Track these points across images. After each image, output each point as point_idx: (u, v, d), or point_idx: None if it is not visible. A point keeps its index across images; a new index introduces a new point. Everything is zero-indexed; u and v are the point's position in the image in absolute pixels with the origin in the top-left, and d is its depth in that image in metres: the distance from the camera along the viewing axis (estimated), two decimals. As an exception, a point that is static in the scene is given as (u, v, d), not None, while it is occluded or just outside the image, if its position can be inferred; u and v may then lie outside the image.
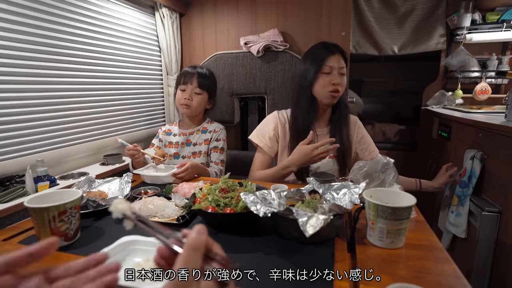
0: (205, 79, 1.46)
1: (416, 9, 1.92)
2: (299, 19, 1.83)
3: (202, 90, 1.45)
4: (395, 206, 0.65)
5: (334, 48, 1.22)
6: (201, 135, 1.50)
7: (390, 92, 2.56)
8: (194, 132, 1.51)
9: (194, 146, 1.49)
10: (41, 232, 0.68)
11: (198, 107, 1.46)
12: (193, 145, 1.49)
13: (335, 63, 1.20)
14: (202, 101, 1.47)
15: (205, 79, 1.46)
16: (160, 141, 1.53)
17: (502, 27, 1.76)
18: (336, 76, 1.20)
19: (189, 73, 1.46)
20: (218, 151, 1.49)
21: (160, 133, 1.55)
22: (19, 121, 1.12)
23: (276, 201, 0.74)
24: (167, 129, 1.55)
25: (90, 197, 0.89)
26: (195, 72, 1.45)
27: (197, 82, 1.44)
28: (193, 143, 1.49)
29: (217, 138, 1.51)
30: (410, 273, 0.59)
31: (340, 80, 1.20)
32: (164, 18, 1.84)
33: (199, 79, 1.44)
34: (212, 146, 1.50)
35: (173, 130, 1.54)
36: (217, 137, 1.51)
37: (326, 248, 0.68)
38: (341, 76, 1.21)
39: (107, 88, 1.52)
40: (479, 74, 1.88)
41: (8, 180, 1.03)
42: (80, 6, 1.33)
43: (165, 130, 1.55)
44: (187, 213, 0.82)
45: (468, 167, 1.27)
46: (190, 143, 1.50)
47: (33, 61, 1.15)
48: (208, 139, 1.50)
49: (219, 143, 1.50)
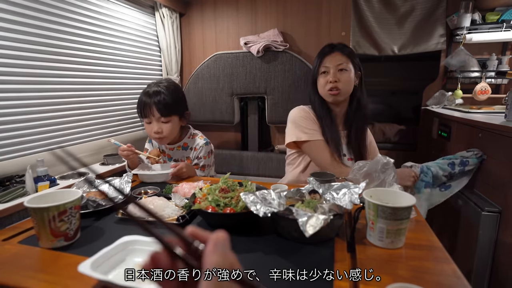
0: (167, 102, 1.26)
1: (416, 9, 1.92)
2: (299, 19, 1.83)
3: (169, 117, 1.28)
4: (395, 206, 0.65)
5: (330, 47, 1.23)
6: (182, 151, 1.40)
7: (390, 92, 2.56)
8: (175, 148, 1.40)
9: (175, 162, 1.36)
10: (41, 232, 0.68)
11: (171, 134, 1.32)
12: (174, 161, 1.40)
13: (330, 62, 1.21)
14: (174, 127, 1.32)
15: (165, 105, 1.26)
16: (151, 145, 1.49)
17: (502, 27, 1.76)
18: (333, 74, 1.20)
19: (146, 104, 1.26)
20: (199, 168, 1.39)
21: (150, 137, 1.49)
22: (19, 121, 1.12)
23: (276, 201, 0.74)
24: None
25: (90, 197, 0.89)
26: (152, 98, 1.25)
27: (158, 111, 1.25)
28: (174, 159, 1.40)
29: (197, 155, 1.39)
30: (410, 273, 0.59)
31: (338, 76, 1.20)
32: (164, 18, 1.84)
33: (160, 107, 1.25)
34: (193, 163, 1.40)
35: None
36: (197, 155, 1.38)
37: (326, 248, 0.68)
38: (340, 72, 1.21)
39: (107, 88, 1.52)
40: (479, 74, 1.87)
41: (8, 180, 1.03)
42: (80, 6, 1.33)
43: None
44: (187, 213, 0.82)
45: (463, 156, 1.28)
46: (171, 158, 1.40)
47: (33, 61, 1.15)
48: (190, 157, 1.40)
49: (200, 161, 1.38)
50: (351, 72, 1.22)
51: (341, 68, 1.21)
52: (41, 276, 0.59)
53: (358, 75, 1.28)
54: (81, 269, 0.51)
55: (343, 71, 1.21)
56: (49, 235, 0.67)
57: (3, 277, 0.57)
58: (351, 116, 1.28)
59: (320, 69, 1.23)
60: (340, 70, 1.21)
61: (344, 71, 1.21)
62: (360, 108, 1.27)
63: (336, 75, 1.20)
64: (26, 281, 0.57)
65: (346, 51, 1.23)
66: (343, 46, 1.25)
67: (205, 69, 1.88)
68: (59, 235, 0.68)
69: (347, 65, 1.21)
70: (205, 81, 1.89)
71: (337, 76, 1.20)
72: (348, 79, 1.22)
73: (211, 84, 1.88)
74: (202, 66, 1.89)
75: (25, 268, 0.61)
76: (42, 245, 0.69)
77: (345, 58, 1.22)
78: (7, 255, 0.66)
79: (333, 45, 1.25)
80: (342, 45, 1.25)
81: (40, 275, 0.59)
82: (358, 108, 1.27)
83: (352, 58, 1.24)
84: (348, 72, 1.22)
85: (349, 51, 1.25)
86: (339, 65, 1.21)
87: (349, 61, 1.22)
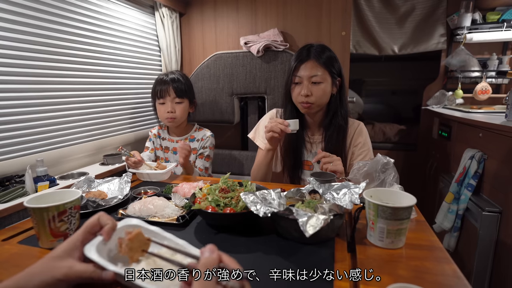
0: (181, 86, 1.40)
1: (416, 9, 1.92)
2: (299, 19, 1.83)
3: (182, 98, 1.41)
4: (395, 206, 0.65)
5: (306, 54, 1.13)
6: (189, 143, 1.47)
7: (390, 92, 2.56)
8: (182, 140, 1.48)
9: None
10: (41, 232, 0.67)
11: (182, 116, 1.43)
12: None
13: (304, 71, 1.12)
14: (185, 109, 1.44)
15: (181, 85, 1.40)
16: (153, 144, 1.52)
17: (502, 27, 1.76)
18: (306, 86, 1.12)
19: (163, 83, 1.39)
20: (203, 158, 1.46)
21: (151, 136, 1.53)
22: (19, 121, 1.12)
23: (276, 201, 0.74)
24: (156, 133, 1.53)
25: (89, 197, 0.89)
26: (169, 81, 1.38)
27: (175, 91, 1.38)
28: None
29: (203, 145, 1.47)
30: (410, 273, 0.59)
31: (311, 89, 1.12)
32: (164, 18, 1.84)
33: (176, 88, 1.38)
34: (198, 153, 1.47)
35: (162, 134, 1.53)
36: (204, 144, 1.47)
37: (326, 248, 0.68)
38: (313, 85, 1.12)
39: (107, 88, 1.52)
40: (479, 74, 1.87)
41: (8, 180, 1.03)
42: (80, 6, 1.33)
43: (155, 133, 1.53)
44: (187, 213, 0.82)
45: (466, 166, 1.27)
46: (176, 151, 1.47)
47: (33, 61, 1.15)
48: (196, 148, 1.48)
49: (205, 150, 1.47)
50: (326, 84, 1.13)
51: (314, 81, 1.12)
52: (40, 276, 0.59)
53: (338, 82, 1.18)
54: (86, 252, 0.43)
55: (316, 84, 1.12)
56: (48, 235, 0.67)
57: (3, 277, 0.57)
58: (326, 123, 1.20)
59: (294, 78, 1.15)
60: (314, 83, 1.12)
61: (318, 84, 1.12)
62: (336, 117, 1.18)
63: (309, 88, 1.11)
64: (26, 281, 0.57)
65: (323, 59, 1.12)
66: (321, 50, 1.13)
67: (205, 69, 1.88)
68: (58, 235, 0.68)
69: (322, 76, 1.12)
70: (205, 81, 1.89)
71: (309, 89, 1.11)
72: (321, 92, 1.13)
73: (211, 84, 1.88)
74: (202, 66, 1.89)
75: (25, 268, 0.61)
76: (42, 245, 0.69)
77: (320, 68, 1.11)
78: (7, 255, 0.66)
79: (309, 50, 1.13)
80: (320, 49, 1.13)
81: (39, 275, 0.59)
82: (334, 117, 1.19)
83: (329, 66, 1.13)
84: (323, 84, 1.12)
85: (327, 57, 1.13)
86: (312, 78, 1.11)
87: (326, 70, 1.12)
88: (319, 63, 1.12)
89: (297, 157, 1.25)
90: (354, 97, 2.07)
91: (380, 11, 1.96)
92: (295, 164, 1.25)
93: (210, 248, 0.39)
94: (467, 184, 1.26)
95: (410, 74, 2.40)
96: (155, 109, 1.47)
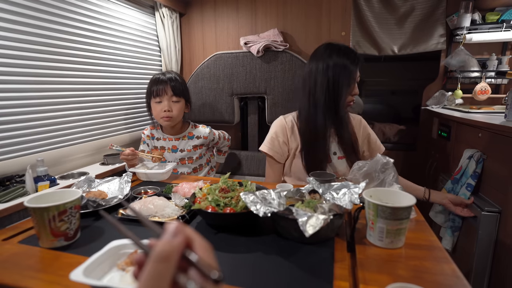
0: (179, 85, 1.41)
1: (416, 9, 1.92)
2: (299, 19, 1.84)
3: (179, 97, 1.41)
4: (395, 206, 0.65)
5: (358, 59, 1.22)
6: (188, 141, 1.48)
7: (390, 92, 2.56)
8: (180, 138, 1.48)
9: (181, 153, 1.47)
10: (41, 232, 0.68)
11: (179, 115, 1.43)
12: (180, 151, 1.47)
13: (357, 76, 1.24)
14: (181, 109, 1.44)
15: (178, 84, 1.41)
16: (147, 146, 1.51)
17: (502, 27, 1.76)
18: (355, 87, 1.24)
19: (160, 81, 1.39)
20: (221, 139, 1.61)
21: (145, 138, 1.51)
22: (19, 121, 1.12)
23: (276, 201, 0.74)
24: (149, 134, 1.51)
25: (90, 197, 0.89)
26: (167, 80, 1.39)
27: (172, 90, 1.38)
28: (180, 149, 1.47)
29: (212, 139, 1.55)
30: (410, 273, 0.59)
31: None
32: (164, 18, 1.84)
33: (174, 86, 1.39)
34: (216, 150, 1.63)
35: (156, 134, 1.51)
36: (211, 138, 1.55)
37: (325, 248, 0.68)
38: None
39: (107, 88, 1.52)
40: (479, 74, 1.87)
41: (8, 180, 1.03)
42: (80, 6, 1.33)
43: (148, 134, 1.51)
44: (187, 213, 0.82)
45: (463, 165, 1.28)
46: (176, 149, 1.47)
47: (33, 61, 1.15)
48: (197, 145, 1.49)
49: (215, 137, 1.57)
50: None
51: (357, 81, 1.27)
52: (41, 276, 0.59)
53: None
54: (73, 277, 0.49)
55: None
56: (49, 235, 0.67)
57: (3, 277, 0.57)
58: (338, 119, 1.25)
59: (353, 86, 1.24)
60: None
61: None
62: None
63: (356, 89, 1.26)
64: (26, 281, 0.57)
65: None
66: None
67: (205, 69, 1.88)
68: (59, 235, 0.68)
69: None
70: (205, 81, 1.89)
71: (357, 89, 1.26)
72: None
73: (211, 84, 1.88)
74: (202, 66, 1.89)
75: (25, 268, 0.61)
76: (42, 245, 0.69)
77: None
78: (7, 255, 0.66)
79: (358, 56, 1.25)
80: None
81: (40, 275, 0.59)
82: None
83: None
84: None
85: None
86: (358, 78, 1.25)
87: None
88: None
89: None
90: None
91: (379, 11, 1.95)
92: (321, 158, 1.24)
93: (175, 228, 0.28)
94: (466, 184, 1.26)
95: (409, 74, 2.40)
96: (149, 108, 1.46)
